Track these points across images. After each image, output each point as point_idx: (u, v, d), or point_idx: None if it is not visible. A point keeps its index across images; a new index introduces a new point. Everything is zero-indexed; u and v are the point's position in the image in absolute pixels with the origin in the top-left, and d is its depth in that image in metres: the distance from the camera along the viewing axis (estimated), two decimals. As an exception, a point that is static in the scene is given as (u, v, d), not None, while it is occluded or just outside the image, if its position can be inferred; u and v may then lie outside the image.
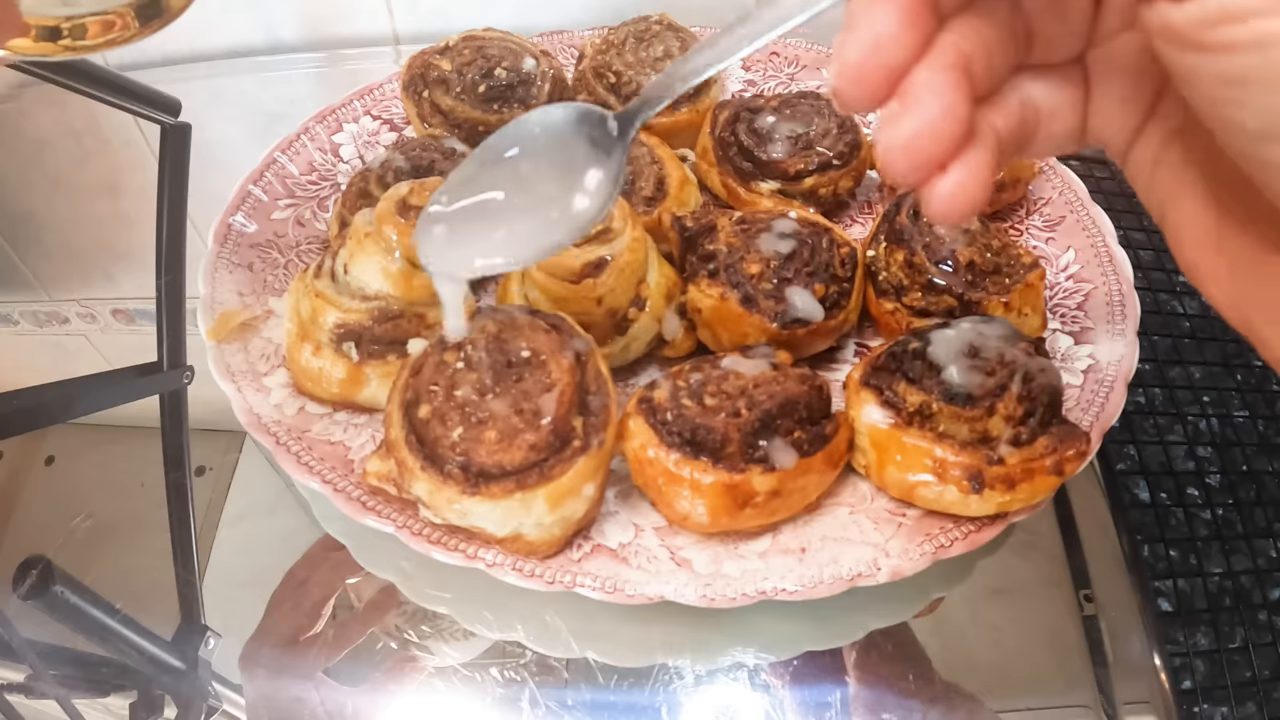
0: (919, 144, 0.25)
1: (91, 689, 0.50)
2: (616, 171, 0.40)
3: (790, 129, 0.64)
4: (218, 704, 0.48)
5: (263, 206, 0.64)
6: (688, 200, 0.63)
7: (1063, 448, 0.45)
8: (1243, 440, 0.59)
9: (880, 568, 0.45)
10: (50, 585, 0.52)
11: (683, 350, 0.57)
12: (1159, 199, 0.28)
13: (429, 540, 0.46)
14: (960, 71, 0.25)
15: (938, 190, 0.26)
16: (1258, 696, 0.48)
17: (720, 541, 0.47)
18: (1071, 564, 0.53)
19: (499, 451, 0.42)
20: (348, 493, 0.48)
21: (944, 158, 0.26)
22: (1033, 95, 0.28)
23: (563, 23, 0.82)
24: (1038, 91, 0.28)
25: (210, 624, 0.51)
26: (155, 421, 0.60)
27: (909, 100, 0.25)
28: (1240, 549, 0.53)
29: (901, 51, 0.25)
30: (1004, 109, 0.28)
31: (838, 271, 0.55)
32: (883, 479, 0.48)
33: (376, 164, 0.61)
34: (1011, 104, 0.28)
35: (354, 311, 0.51)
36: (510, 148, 0.41)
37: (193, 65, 0.94)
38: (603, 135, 0.40)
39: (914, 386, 0.47)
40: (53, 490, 0.59)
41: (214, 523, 0.56)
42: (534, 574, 0.45)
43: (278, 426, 0.51)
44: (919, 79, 0.25)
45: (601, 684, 0.48)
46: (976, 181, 0.26)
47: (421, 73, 0.67)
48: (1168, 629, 0.50)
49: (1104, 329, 0.56)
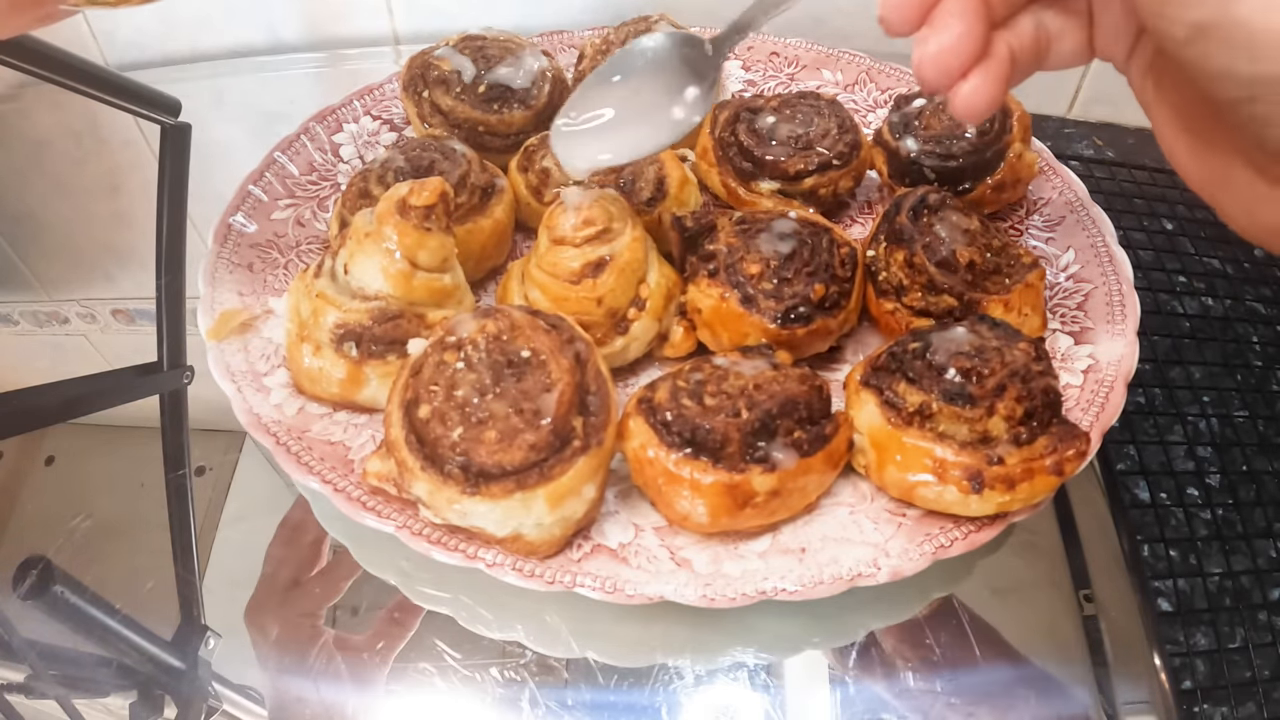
0: (943, 58, 0.34)
1: (91, 689, 0.49)
2: (711, 86, 0.49)
3: (790, 129, 0.64)
4: (218, 704, 0.48)
5: (263, 206, 0.64)
6: (688, 200, 0.63)
7: (1063, 448, 0.45)
8: (1243, 440, 0.59)
9: (880, 568, 0.45)
10: (50, 585, 0.52)
11: (683, 350, 0.57)
12: (1146, 101, 0.36)
13: (429, 540, 0.46)
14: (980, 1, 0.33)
15: (960, 92, 0.34)
16: (1258, 696, 0.48)
17: (720, 541, 0.47)
18: (1071, 564, 0.53)
19: (499, 451, 0.42)
20: (348, 493, 0.48)
21: (964, 68, 0.34)
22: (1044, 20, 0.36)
23: (563, 23, 0.82)
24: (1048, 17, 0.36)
25: (210, 624, 0.51)
26: (155, 421, 0.60)
27: (937, 25, 0.33)
28: (1240, 549, 0.53)
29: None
30: (1019, 32, 0.36)
31: (838, 271, 0.55)
32: (883, 479, 0.48)
33: (376, 164, 0.61)
34: (1026, 27, 0.36)
35: (354, 311, 0.51)
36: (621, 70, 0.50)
37: (193, 65, 0.94)
38: (699, 56, 0.48)
39: (914, 386, 0.47)
40: (53, 490, 0.59)
41: (214, 523, 0.56)
42: (534, 574, 0.45)
43: (278, 426, 0.51)
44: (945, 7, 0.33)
45: (601, 684, 0.48)
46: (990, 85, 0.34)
47: (421, 73, 0.67)
48: (1168, 629, 0.50)
49: (1104, 329, 0.56)
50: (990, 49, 0.34)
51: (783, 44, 0.79)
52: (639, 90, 0.49)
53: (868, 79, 0.77)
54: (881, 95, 0.76)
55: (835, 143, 0.64)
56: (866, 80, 0.77)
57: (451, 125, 0.66)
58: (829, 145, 0.63)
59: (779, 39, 0.79)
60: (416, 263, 0.51)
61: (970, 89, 0.34)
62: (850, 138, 0.64)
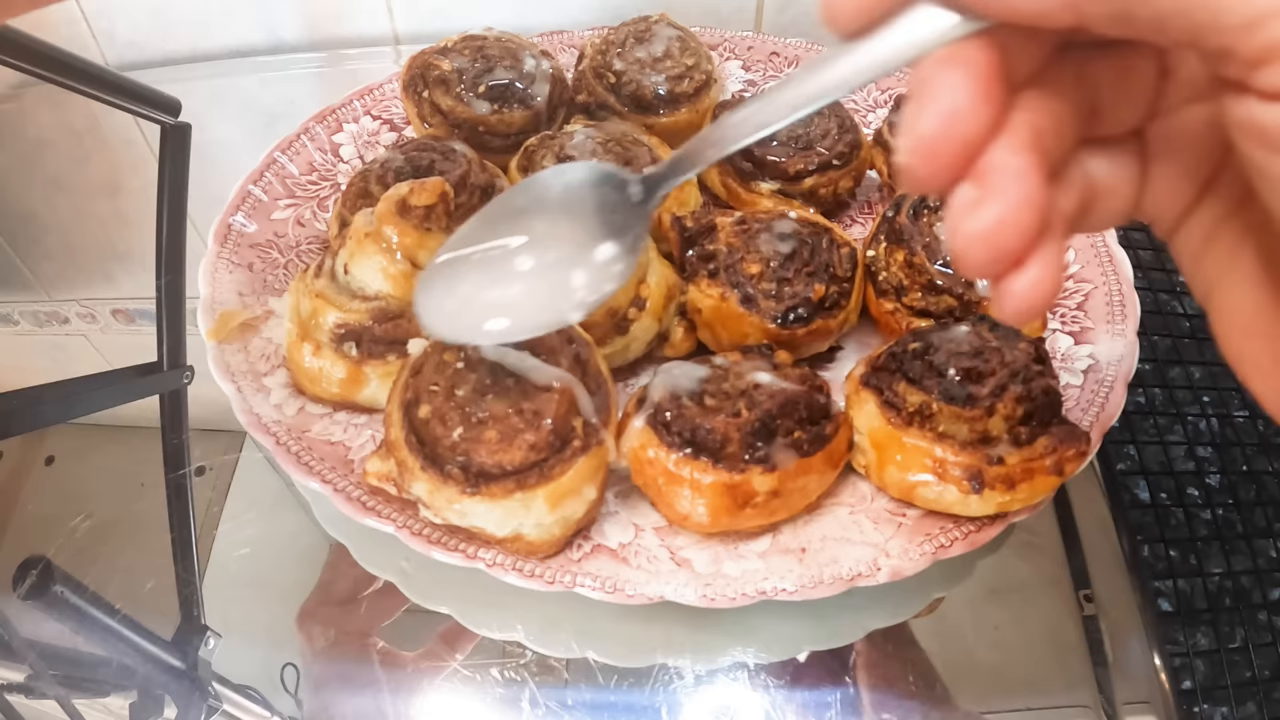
0: (1000, 236, 0.22)
1: (91, 689, 0.49)
2: (635, 242, 0.35)
3: (790, 129, 0.64)
4: (218, 704, 0.48)
5: (263, 206, 0.64)
6: (688, 200, 0.63)
7: (1063, 448, 0.45)
8: (1243, 440, 0.59)
9: (880, 568, 0.45)
10: (50, 585, 0.52)
11: (683, 350, 0.57)
12: (1207, 278, 0.26)
13: (429, 540, 0.46)
14: (1038, 153, 0.23)
15: (1014, 289, 0.23)
16: (1258, 696, 0.48)
17: (720, 541, 0.47)
18: (1071, 564, 0.53)
19: (499, 451, 0.42)
20: (348, 493, 0.48)
21: (1024, 251, 0.23)
22: (1092, 172, 0.26)
23: (563, 23, 0.82)
24: (1097, 167, 0.26)
25: (210, 624, 0.51)
26: (155, 421, 0.60)
27: (989, 184, 0.22)
28: (1240, 549, 0.53)
29: (978, 126, 0.22)
30: (1068, 190, 0.26)
31: (838, 271, 0.55)
32: (883, 479, 0.48)
33: (376, 164, 0.61)
34: (1075, 183, 0.26)
35: (354, 311, 0.51)
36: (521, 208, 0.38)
37: (193, 65, 0.93)
38: (622, 201, 0.35)
39: (914, 386, 0.47)
40: (53, 490, 0.59)
41: (214, 523, 0.56)
42: (534, 574, 0.45)
43: (278, 426, 0.51)
44: (998, 161, 0.22)
45: (601, 684, 0.48)
46: (1053, 278, 0.23)
47: (421, 73, 0.67)
48: (1168, 629, 0.50)
49: (1104, 329, 0.56)
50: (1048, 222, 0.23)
51: (783, 44, 0.79)
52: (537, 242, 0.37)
53: (868, 79, 0.77)
54: (881, 95, 0.76)
55: (835, 143, 0.64)
56: (866, 80, 0.77)
57: (451, 125, 0.66)
58: (829, 145, 0.63)
59: (779, 39, 0.79)
60: (416, 263, 0.51)
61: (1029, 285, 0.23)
62: (850, 138, 0.64)
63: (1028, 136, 0.23)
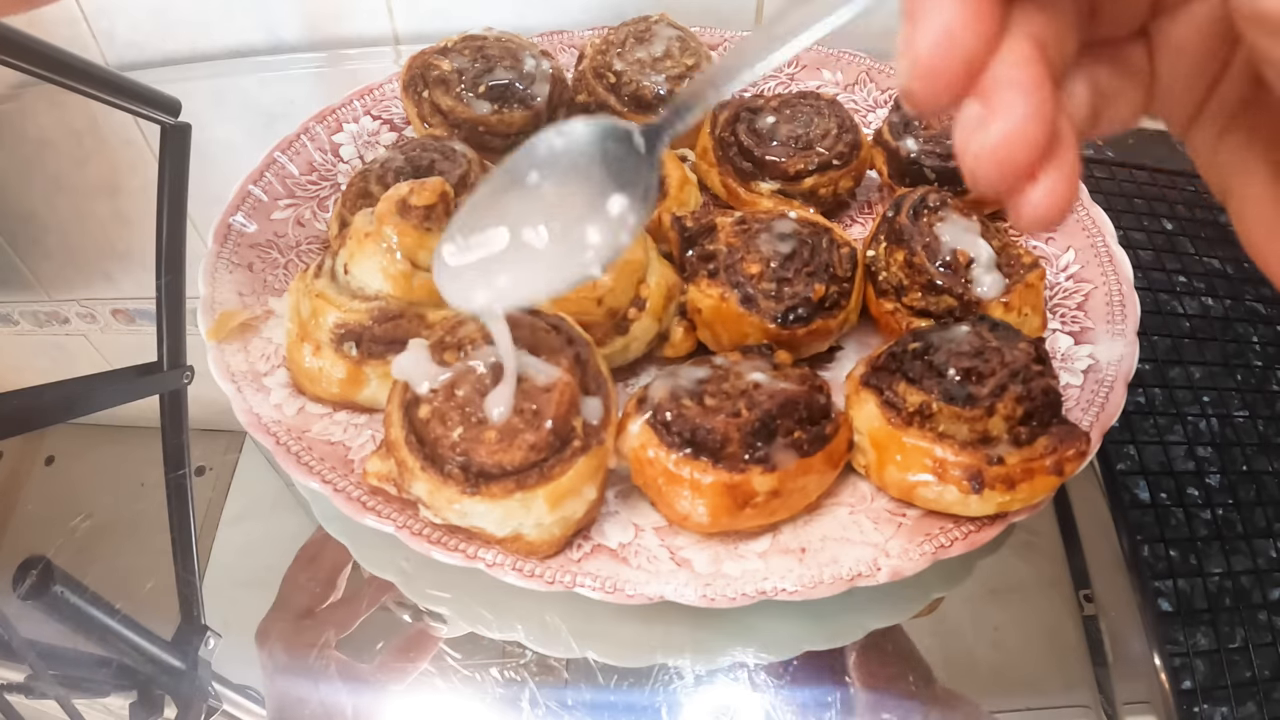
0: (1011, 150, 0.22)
1: (91, 689, 0.49)
2: (646, 192, 0.35)
3: (790, 129, 0.64)
4: (218, 704, 0.48)
5: (263, 206, 0.64)
6: (688, 200, 0.63)
7: (1063, 448, 0.45)
8: (1243, 440, 0.59)
9: (880, 568, 0.45)
10: (50, 585, 0.52)
11: (683, 350, 0.57)
12: (1222, 176, 0.26)
13: (429, 540, 0.46)
14: (1041, 64, 0.22)
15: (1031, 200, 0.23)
16: (1258, 696, 0.48)
17: (720, 541, 0.47)
18: (1071, 564, 0.53)
19: (499, 451, 0.42)
20: (348, 493, 0.48)
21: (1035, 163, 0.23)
22: (1097, 77, 0.26)
23: (563, 23, 0.82)
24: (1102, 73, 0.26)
25: (210, 624, 0.51)
26: (155, 421, 0.60)
27: (994, 100, 0.22)
28: (1240, 549, 0.53)
29: (977, 41, 0.22)
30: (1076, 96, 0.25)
31: (838, 271, 0.55)
32: (883, 479, 0.48)
33: (376, 164, 0.61)
34: (1082, 89, 0.25)
35: (354, 311, 0.51)
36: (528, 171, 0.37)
37: (193, 65, 0.94)
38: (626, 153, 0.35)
39: (914, 386, 0.47)
40: (53, 490, 0.59)
41: (214, 523, 0.56)
42: (534, 574, 0.45)
43: (278, 426, 0.51)
44: (1001, 75, 0.22)
45: (601, 684, 0.48)
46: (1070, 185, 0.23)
47: (421, 73, 0.67)
48: (1168, 629, 0.50)
49: (1104, 329, 0.56)
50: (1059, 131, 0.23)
51: (783, 44, 0.79)
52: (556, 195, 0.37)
53: (868, 79, 0.77)
54: (881, 95, 0.76)
55: (835, 143, 0.64)
56: (866, 80, 0.77)
57: (451, 125, 0.66)
58: (829, 145, 0.63)
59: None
60: (417, 263, 0.51)
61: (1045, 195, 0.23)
62: (850, 138, 0.64)
63: (1028, 48, 0.22)
